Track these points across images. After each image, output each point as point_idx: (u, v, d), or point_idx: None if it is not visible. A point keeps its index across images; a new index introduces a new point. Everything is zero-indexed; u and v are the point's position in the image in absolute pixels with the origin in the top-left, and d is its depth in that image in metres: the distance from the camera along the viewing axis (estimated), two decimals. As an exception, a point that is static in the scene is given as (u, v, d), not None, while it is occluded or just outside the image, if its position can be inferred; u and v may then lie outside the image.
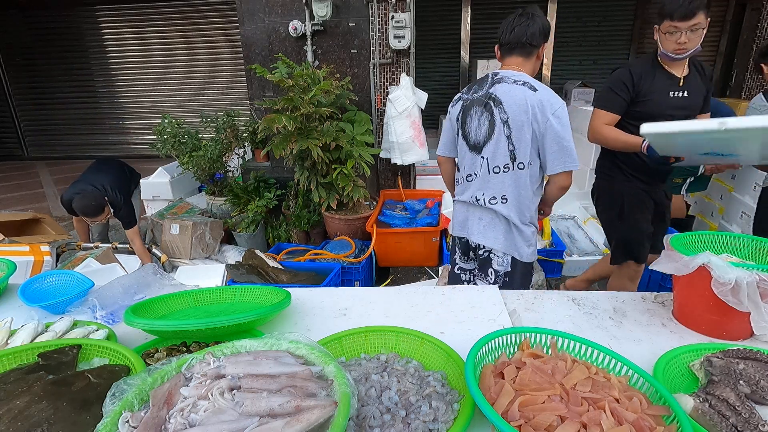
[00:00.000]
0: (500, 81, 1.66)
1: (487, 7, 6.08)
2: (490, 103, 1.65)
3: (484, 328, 1.13)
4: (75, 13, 6.98)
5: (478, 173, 1.75)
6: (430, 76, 6.31)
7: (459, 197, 1.90)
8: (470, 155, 1.78)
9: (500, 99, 1.63)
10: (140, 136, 7.51)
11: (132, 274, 1.46)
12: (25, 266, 2.63)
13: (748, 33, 5.25)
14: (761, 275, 0.96)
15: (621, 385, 0.79)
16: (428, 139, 4.00)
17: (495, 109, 1.64)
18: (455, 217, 1.95)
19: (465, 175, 1.84)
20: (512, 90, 1.62)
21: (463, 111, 1.77)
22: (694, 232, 1.26)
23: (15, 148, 7.74)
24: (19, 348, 0.96)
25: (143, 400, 0.73)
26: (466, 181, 1.83)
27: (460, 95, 1.81)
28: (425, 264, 3.54)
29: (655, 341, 1.09)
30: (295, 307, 1.28)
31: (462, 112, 1.78)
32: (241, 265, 2.84)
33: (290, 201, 4.01)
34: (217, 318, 0.98)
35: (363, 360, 0.98)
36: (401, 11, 3.69)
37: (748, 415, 0.75)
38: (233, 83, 7.05)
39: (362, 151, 3.55)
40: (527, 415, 0.71)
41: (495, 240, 1.80)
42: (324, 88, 3.35)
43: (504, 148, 1.66)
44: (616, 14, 6.16)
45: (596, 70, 6.42)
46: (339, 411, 0.66)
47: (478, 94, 1.71)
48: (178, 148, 3.92)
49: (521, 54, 1.67)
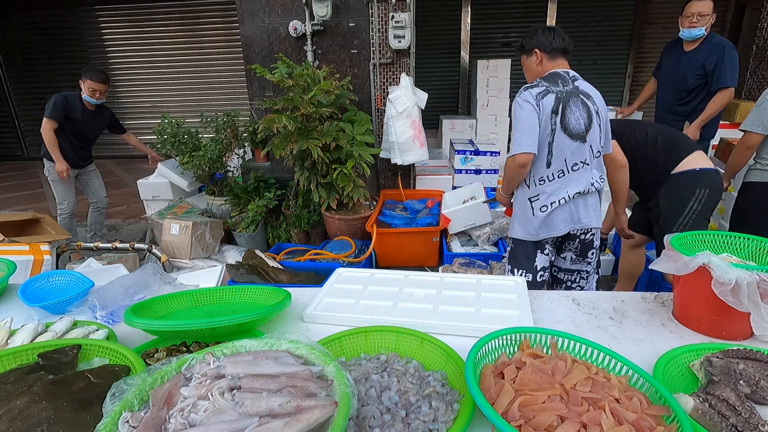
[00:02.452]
0: (576, 78, 1.86)
1: (487, 7, 6.08)
2: (582, 96, 1.82)
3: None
4: (75, 13, 6.98)
5: (587, 160, 1.85)
6: (430, 76, 6.31)
7: (556, 195, 1.83)
8: (574, 145, 1.81)
9: (588, 93, 1.85)
10: (140, 136, 7.48)
11: (132, 274, 1.46)
12: (25, 266, 2.63)
13: (748, 33, 5.25)
14: (761, 275, 0.96)
15: (621, 385, 0.79)
16: (428, 139, 4.00)
17: (588, 102, 1.83)
18: (554, 219, 1.86)
19: (569, 166, 1.82)
20: (590, 86, 1.88)
21: (560, 103, 1.78)
22: (694, 231, 1.26)
23: (15, 148, 7.74)
24: (19, 348, 0.96)
25: (143, 400, 0.73)
26: (572, 170, 1.82)
27: (546, 88, 1.79)
28: (425, 264, 3.54)
29: (655, 341, 1.09)
30: (295, 307, 1.28)
31: (560, 104, 1.78)
32: (241, 265, 2.83)
33: (290, 201, 4.01)
34: (217, 318, 0.98)
35: (363, 360, 0.98)
36: (401, 11, 3.69)
37: (748, 415, 0.75)
38: (233, 83, 7.05)
39: (362, 151, 3.55)
40: (527, 415, 0.71)
41: (598, 218, 1.94)
42: (324, 88, 3.35)
43: (597, 135, 1.87)
44: (616, 14, 6.16)
45: (596, 70, 6.42)
46: (339, 411, 0.66)
47: (568, 87, 1.81)
48: (178, 148, 3.92)
49: (566, 58, 1.91)
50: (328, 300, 1.31)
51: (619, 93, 6.57)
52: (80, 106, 3.49)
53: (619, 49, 6.34)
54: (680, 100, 3.16)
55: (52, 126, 3.41)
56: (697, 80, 3.04)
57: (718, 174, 2.18)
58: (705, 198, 2.12)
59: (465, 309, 1.22)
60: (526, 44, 1.91)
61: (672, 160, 2.21)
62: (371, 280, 1.43)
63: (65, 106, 3.42)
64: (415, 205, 3.91)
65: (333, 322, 1.20)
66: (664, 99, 3.29)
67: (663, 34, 6.22)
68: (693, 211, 2.14)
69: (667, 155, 2.23)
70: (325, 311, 1.24)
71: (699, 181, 2.14)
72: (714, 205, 2.18)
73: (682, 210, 2.16)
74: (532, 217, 1.89)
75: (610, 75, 6.47)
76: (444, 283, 1.39)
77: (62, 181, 3.61)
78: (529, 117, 1.76)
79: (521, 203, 1.94)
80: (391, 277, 1.44)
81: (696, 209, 2.14)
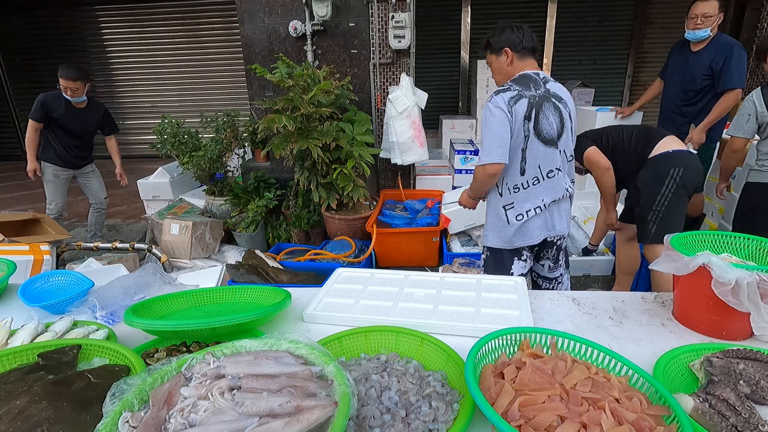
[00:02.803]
0: (547, 80, 1.81)
1: (487, 7, 6.09)
2: (554, 99, 1.78)
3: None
4: (75, 13, 6.98)
5: (560, 166, 1.83)
6: (430, 76, 6.31)
7: (532, 203, 1.81)
8: (547, 151, 1.77)
9: (560, 95, 1.80)
10: (140, 136, 7.51)
11: (132, 274, 1.46)
12: (25, 266, 2.63)
13: (748, 33, 5.25)
14: (761, 275, 0.96)
15: (621, 385, 0.79)
16: (428, 139, 4.00)
17: (560, 105, 1.79)
18: (529, 227, 1.84)
19: (543, 173, 1.79)
20: (561, 87, 1.83)
21: (533, 108, 1.72)
22: (694, 231, 1.26)
23: (15, 148, 7.74)
24: (19, 348, 0.96)
25: (143, 400, 0.73)
26: (547, 178, 1.79)
27: (518, 92, 1.72)
28: (425, 264, 3.54)
29: (655, 341, 1.09)
30: (295, 307, 1.28)
31: (533, 109, 1.72)
32: (241, 265, 2.83)
33: (290, 201, 4.01)
34: (217, 318, 0.98)
35: (363, 360, 0.98)
36: (401, 11, 3.69)
37: (748, 415, 0.75)
38: (233, 83, 7.05)
39: (362, 151, 3.55)
40: (527, 415, 0.71)
41: (570, 223, 1.99)
42: (324, 88, 3.35)
43: (569, 140, 1.86)
44: (616, 14, 6.17)
45: (596, 70, 6.42)
46: (339, 411, 0.66)
47: (540, 91, 1.75)
48: (178, 148, 3.92)
49: (535, 58, 1.85)
50: (328, 300, 1.31)
51: (619, 93, 6.58)
52: (63, 104, 3.44)
53: (619, 49, 6.34)
54: (687, 101, 3.14)
55: (34, 126, 3.43)
56: (704, 81, 3.02)
57: (691, 155, 2.30)
58: (679, 177, 2.22)
59: (465, 309, 1.22)
60: (495, 43, 1.82)
61: (647, 147, 2.34)
62: (371, 280, 1.43)
63: (44, 105, 3.40)
64: (415, 205, 3.91)
65: (333, 322, 1.20)
66: (670, 99, 3.27)
67: (663, 34, 6.23)
68: (669, 189, 2.24)
69: (643, 145, 2.36)
70: (325, 311, 1.24)
71: (672, 161, 2.25)
72: (691, 184, 2.26)
73: (659, 190, 2.26)
74: (507, 225, 1.86)
75: (610, 75, 6.47)
76: (444, 283, 1.39)
77: (53, 182, 3.59)
78: (500, 125, 1.70)
79: (494, 211, 1.90)
80: (391, 277, 1.44)
81: (672, 188, 2.24)
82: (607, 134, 2.49)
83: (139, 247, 3.29)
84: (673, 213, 2.26)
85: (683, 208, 2.31)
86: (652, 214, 2.29)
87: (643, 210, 2.33)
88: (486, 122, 1.74)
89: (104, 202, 3.96)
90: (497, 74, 1.88)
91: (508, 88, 1.75)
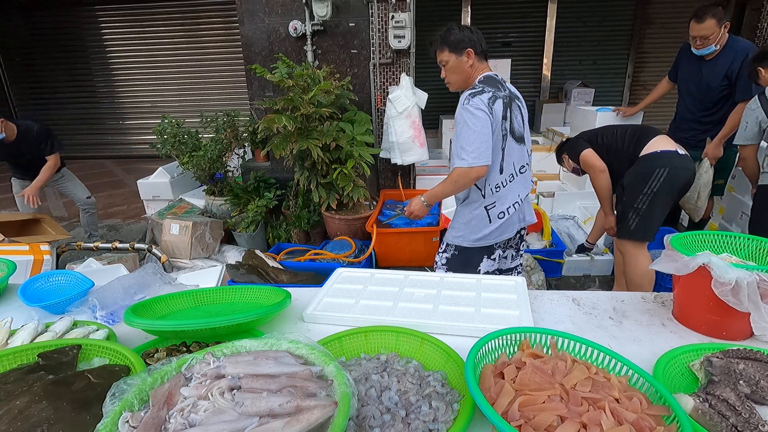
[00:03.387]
0: (505, 81, 1.88)
1: (487, 7, 6.09)
2: (516, 100, 1.87)
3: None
4: (75, 13, 6.98)
5: (527, 161, 1.94)
6: (430, 76, 6.29)
7: (511, 200, 1.88)
8: (518, 148, 1.87)
9: (518, 95, 1.90)
10: (140, 136, 7.52)
11: (132, 274, 1.46)
12: (25, 266, 2.63)
13: (748, 33, 5.25)
14: (761, 275, 0.96)
15: (621, 385, 0.79)
16: (428, 139, 4.00)
17: (519, 104, 1.89)
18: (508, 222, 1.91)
19: (517, 169, 1.88)
20: (514, 88, 1.91)
21: (507, 108, 1.78)
22: (694, 231, 1.26)
23: (15, 148, 7.74)
24: (19, 348, 0.96)
25: (143, 400, 0.73)
26: (520, 173, 1.89)
27: (493, 93, 1.73)
28: (425, 264, 3.54)
29: (655, 341, 1.09)
30: (295, 307, 1.28)
31: (506, 109, 1.78)
32: (241, 265, 2.83)
33: (290, 201, 4.01)
34: (217, 318, 0.98)
35: (363, 360, 0.98)
36: (401, 11, 3.69)
37: (748, 415, 0.75)
38: (233, 83, 7.06)
39: (362, 151, 3.55)
40: (527, 415, 0.71)
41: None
42: (324, 88, 3.35)
43: (529, 136, 1.96)
44: (616, 14, 6.17)
45: (596, 70, 6.42)
46: (339, 411, 0.66)
47: (506, 92, 1.82)
48: (178, 148, 3.92)
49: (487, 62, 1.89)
50: (328, 300, 1.31)
51: (618, 93, 6.58)
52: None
53: (619, 49, 6.34)
54: (706, 111, 3.03)
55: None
56: (722, 91, 2.90)
57: (679, 155, 2.28)
58: (663, 177, 2.22)
59: (465, 309, 1.22)
60: (458, 43, 1.76)
61: (639, 146, 2.35)
62: (371, 280, 1.43)
63: None
64: (415, 205, 3.91)
65: (333, 322, 1.20)
66: (686, 109, 3.14)
67: (663, 34, 6.23)
68: (651, 189, 2.25)
69: (635, 144, 2.37)
70: (325, 311, 1.24)
71: (658, 161, 2.26)
72: (676, 184, 2.26)
73: (642, 189, 2.27)
74: (489, 224, 1.88)
75: (610, 75, 6.48)
76: (444, 283, 1.39)
77: (20, 200, 3.55)
78: (484, 126, 1.69)
79: (474, 212, 1.89)
80: (391, 277, 1.44)
81: (655, 188, 2.25)
82: (601, 134, 2.50)
83: (139, 247, 3.29)
84: (654, 212, 2.27)
85: (665, 208, 2.31)
86: (633, 211, 2.31)
87: (625, 207, 2.35)
88: (467, 124, 1.71)
89: (88, 202, 3.90)
90: (454, 74, 1.83)
91: (481, 90, 1.74)
